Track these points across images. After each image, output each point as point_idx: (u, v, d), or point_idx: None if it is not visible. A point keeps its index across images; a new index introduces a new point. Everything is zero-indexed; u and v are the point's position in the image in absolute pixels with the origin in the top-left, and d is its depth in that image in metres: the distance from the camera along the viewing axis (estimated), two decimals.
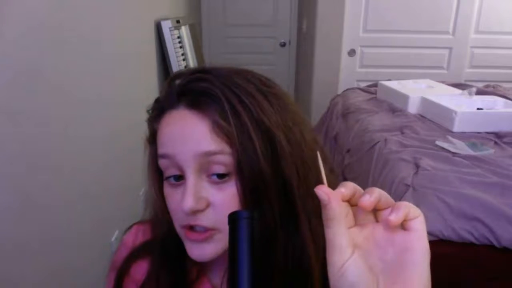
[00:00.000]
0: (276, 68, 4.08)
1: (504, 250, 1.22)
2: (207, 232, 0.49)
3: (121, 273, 0.60)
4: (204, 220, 0.49)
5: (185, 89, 0.51)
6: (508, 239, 1.21)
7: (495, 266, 1.24)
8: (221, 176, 0.48)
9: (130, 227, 0.65)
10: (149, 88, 2.12)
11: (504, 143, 1.74)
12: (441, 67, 3.27)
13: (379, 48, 3.22)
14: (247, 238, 0.40)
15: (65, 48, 1.18)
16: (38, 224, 1.05)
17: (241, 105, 0.48)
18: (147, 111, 0.55)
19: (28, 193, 1.01)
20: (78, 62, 1.27)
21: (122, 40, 1.71)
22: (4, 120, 0.90)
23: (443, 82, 2.60)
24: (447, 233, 1.24)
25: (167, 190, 0.51)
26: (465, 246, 1.24)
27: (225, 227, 0.45)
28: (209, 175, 0.48)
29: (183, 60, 2.31)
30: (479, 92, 2.26)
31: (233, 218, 0.41)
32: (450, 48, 3.22)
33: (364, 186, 0.35)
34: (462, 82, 2.94)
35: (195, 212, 0.48)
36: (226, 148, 0.47)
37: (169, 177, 0.50)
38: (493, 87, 2.68)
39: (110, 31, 1.56)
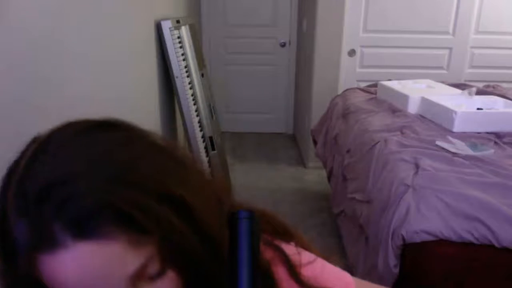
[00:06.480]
0: (276, 68, 4.07)
1: (504, 250, 1.22)
2: None
3: None
4: None
5: (57, 212, 0.37)
6: (508, 239, 1.21)
7: (495, 266, 1.24)
8: (156, 275, 0.42)
9: None
10: (148, 89, 2.12)
11: (504, 143, 1.74)
12: (441, 67, 3.27)
13: (379, 48, 3.22)
14: (247, 238, 0.40)
15: (64, 48, 1.18)
16: None
17: (140, 192, 0.39)
18: None
19: None
20: (77, 62, 1.27)
21: (122, 40, 1.71)
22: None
23: (443, 82, 2.60)
24: (447, 233, 1.24)
25: None
26: (465, 246, 1.24)
27: None
28: (145, 279, 0.41)
29: (183, 60, 2.31)
30: (479, 92, 2.26)
31: (233, 218, 0.41)
32: (450, 48, 3.22)
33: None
34: (462, 82, 2.94)
35: None
36: (150, 252, 0.40)
37: None
38: (493, 87, 2.68)
39: (109, 31, 1.56)
